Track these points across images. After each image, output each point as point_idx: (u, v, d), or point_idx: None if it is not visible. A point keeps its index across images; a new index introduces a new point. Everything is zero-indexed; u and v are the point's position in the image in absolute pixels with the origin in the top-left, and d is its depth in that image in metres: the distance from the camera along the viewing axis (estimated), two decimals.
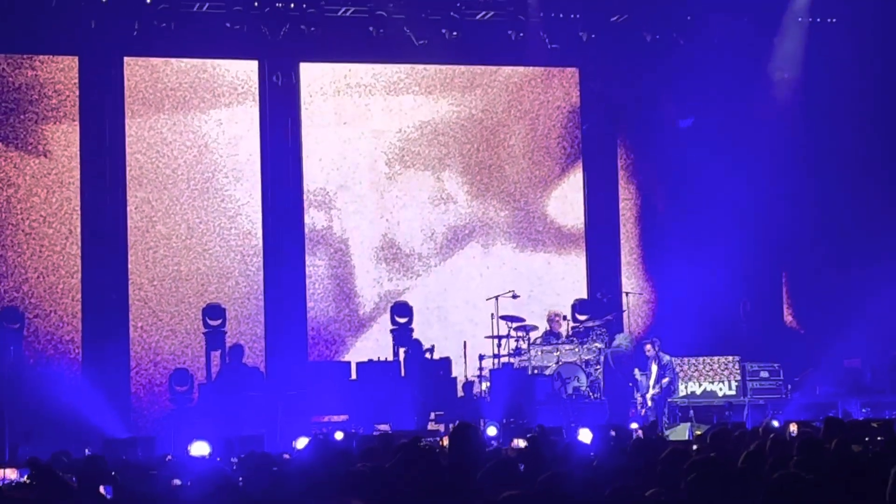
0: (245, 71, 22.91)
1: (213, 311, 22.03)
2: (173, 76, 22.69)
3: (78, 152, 21.98)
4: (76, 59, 22.03)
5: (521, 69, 24.04)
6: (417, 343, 21.79)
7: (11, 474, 12.88)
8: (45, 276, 21.90)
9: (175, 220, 22.61)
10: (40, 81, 22.02)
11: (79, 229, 21.97)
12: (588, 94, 24.13)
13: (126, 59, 22.26)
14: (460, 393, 21.78)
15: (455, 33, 22.66)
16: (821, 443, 10.86)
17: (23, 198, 21.91)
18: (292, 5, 21.76)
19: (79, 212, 21.96)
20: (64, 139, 22.05)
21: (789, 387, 21.99)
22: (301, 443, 16.47)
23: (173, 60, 22.59)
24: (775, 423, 16.30)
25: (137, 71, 22.48)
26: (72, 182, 21.98)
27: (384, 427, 20.13)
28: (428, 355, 21.55)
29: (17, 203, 21.87)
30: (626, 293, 23.25)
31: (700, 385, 22.03)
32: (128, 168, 22.25)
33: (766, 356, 22.40)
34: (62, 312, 21.88)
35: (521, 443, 15.04)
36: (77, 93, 22.01)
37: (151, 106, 22.59)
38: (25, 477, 12.26)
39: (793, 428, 14.62)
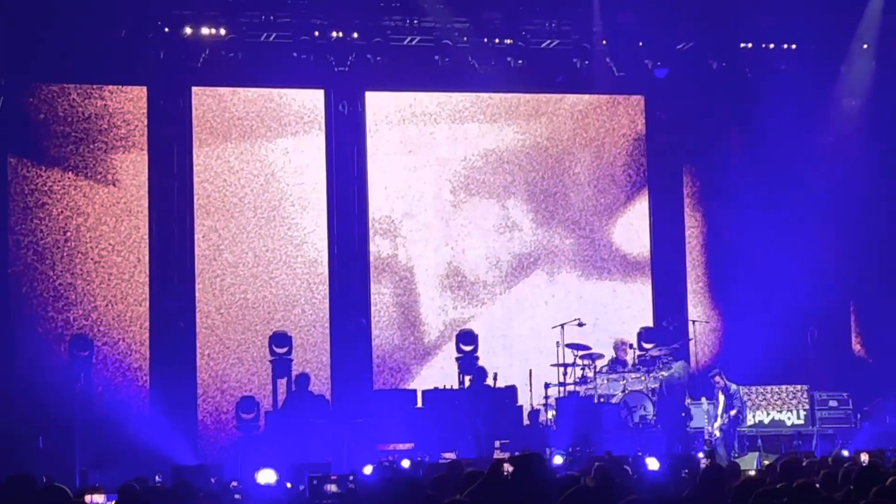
0: (311, 100, 23.09)
1: (280, 339, 22.18)
2: (240, 105, 22.90)
3: (146, 181, 22.23)
4: (145, 89, 22.32)
5: (586, 97, 24.14)
6: (482, 371, 21.78)
7: (99, 499, 13.09)
8: (114, 304, 22.08)
9: (242, 249, 22.75)
10: (110, 111, 22.27)
11: (147, 258, 22.16)
12: (653, 122, 24.20)
13: (194, 88, 22.54)
14: (526, 421, 21.76)
15: (520, 61, 22.70)
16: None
17: (92, 226, 22.13)
18: (357, 35, 21.87)
19: (147, 240, 22.18)
20: (133, 168, 22.28)
21: (859, 416, 21.93)
22: (367, 470, 16.42)
23: (240, 90, 22.82)
24: (845, 453, 16.23)
25: (205, 101, 22.72)
26: (140, 211, 22.22)
27: (450, 455, 20.10)
28: (491, 381, 21.51)
29: (86, 231, 22.09)
30: (693, 321, 23.05)
31: (768, 414, 22.03)
32: (195, 197, 22.49)
33: (834, 385, 22.40)
34: (130, 340, 22.06)
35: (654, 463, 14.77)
36: (146, 122, 22.28)
37: (219, 135, 22.80)
38: (113, 502, 12.38)
39: (864, 457, 14.54)
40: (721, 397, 21.23)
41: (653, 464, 15.53)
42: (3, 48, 20.86)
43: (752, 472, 14.60)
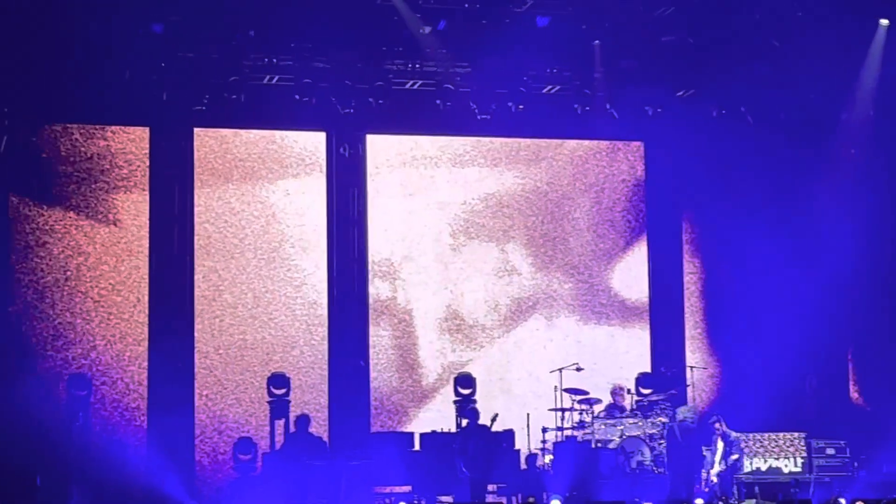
0: (313, 142, 23.17)
1: (278, 381, 22.22)
2: (242, 147, 23.00)
3: (147, 221, 22.28)
4: (147, 129, 22.37)
5: (586, 143, 24.27)
6: (474, 412, 21.42)
7: None
8: (113, 343, 22.10)
9: (241, 290, 22.80)
10: (112, 151, 22.36)
11: (146, 297, 22.15)
12: (653, 168, 24.35)
13: (196, 130, 22.59)
14: (523, 465, 21.74)
15: (521, 106, 22.75)
16: None
17: (92, 266, 22.15)
18: (359, 78, 21.94)
19: (147, 280, 22.16)
20: (134, 208, 22.33)
21: (856, 464, 21.90)
22: None
23: (242, 132, 22.91)
24: (842, 501, 16.14)
25: (207, 142, 22.78)
26: (140, 251, 22.24)
27: (447, 499, 20.19)
28: (486, 422, 21.18)
29: (86, 271, 22.11)
30: (691, 367, 23.17)
31: (765, 461, 21.94)
32: (196, 237, 22.54)
33: (832, 433, 22.30)
34: (128, 380, 22.06)
35: None
36: (147, 163, 22.35)
37: (220, 176, 22.89)
38: None
39: None
40: (720, 444, 21.17)
41: None
42: (7, 88, 20.97)
43: None
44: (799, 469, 21.77)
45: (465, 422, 21.63)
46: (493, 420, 20.74)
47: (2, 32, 20.18)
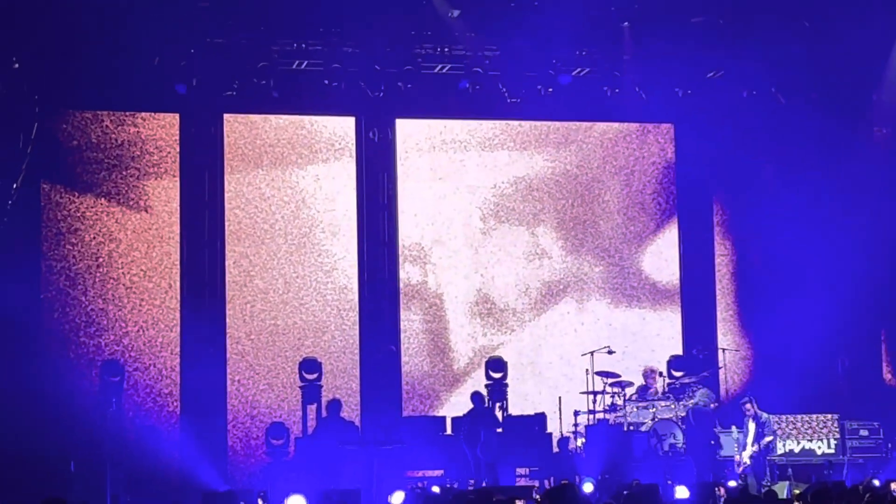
0: (342, 127, 23.19)
1: (310, 365, 22.18)
2: (272, 132, 23.02)
3: (178, 208, 22.36)
4: (177, 116, 22.43)
5: (616, 125, 24.18)
6: (485, 398, 21.74)
7: None
8: (145, 329, 22.19)
9: (272, 275, 22.81)
10: (142, 138, 22.40)
11: (178, 283, 22.24)
12: (683, 150, 24.20)
13: (226, 116, 22.64)
14: (555, 449, 21.83)
15: (550, 89, 22.76)
16: None
17: (124, 252, 22.23)
18: (388, 63, 21.99)
19: (178, 266, 22.26)
20: (164, 195, 22.41)
21: (890, 445, 21.87)
22: (397, 497, 16.77)
23: (272, 117, 22.90)
24: (876, 483, 16.20)
25: (237, 128, 22.83)
26: (172, 237, 22.34)
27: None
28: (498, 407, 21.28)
29: (118, 258, 22.18)
30: (723, 349, 23.06)
31: (798, 443, 21.92)
32: (226, 223, 22.60)
33: (865, 414, 22.24)
34: (161, 366, 22.14)
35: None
36: (178, 149, 22.40)
37: (250, 162, 22.92)
38: None
39: (895, 487, 14.84)
40: (751, 425, 21.19)
41: (682, 492, 15.76)
42: (37, 75, 21.00)
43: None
44: (832, 451, 21.76)
45: (497, 405, 21.75)
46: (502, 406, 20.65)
47: (31, 19, 20.22)
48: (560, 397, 22.06)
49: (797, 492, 17.71)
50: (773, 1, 21.45)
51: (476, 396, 21.24)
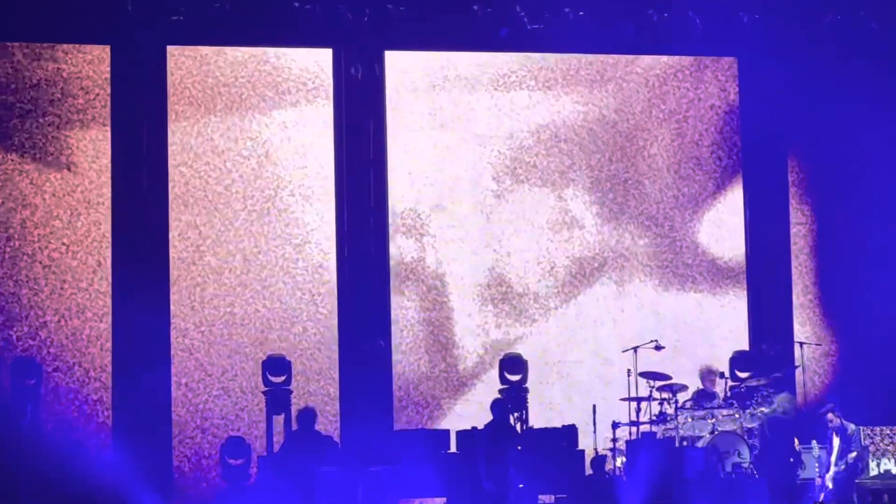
0: (316, 62, 21.92)
1: (276, 365, 20.92)
2: (227, 69, 21.81)
3: (109, 165, 21.19)
4: (108, 48, 21.25)
5: (664, 59, 22.80)
6: (501, 403, 20.34)
7: None
8: (68, 319, 20.99)
9: (228, 250, 21.62)
10: (64, 77, 21.19)
11: (109, 261, 21.08)
12: (749, 91, 22.71)
13: (169, 48, 21.43)
14: (588, 470, 20.30)
15: (581, 13, 21.36)
16: None
17: (41, 221, 21.04)
18: None
19: (109, 239, 21.15)
20: (92, 148, 21.21)
21: None
22: None
23: (227, 50, 21.71)
24: None
25: (183, 63, 21.61)
26: (101, 202, 21.11)
27: None
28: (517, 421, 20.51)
29: (33, 228, 21.01)
30: (800, 344, 21.71)
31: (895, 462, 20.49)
32: (170, 184, 21.39)
33: None
34: (88, 365, 20.95)
35: None
36: (108, 91, 21.23)
37: (200, 106, 21.72)
38: None
39: None
40: (836, 440, 20.08)
41: None
42: None
43: None
44: None
45: (514, 418, 20.66)
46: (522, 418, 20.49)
47: None
48: (594, 405, 20.77)
49: None
50: None
51: (497, 405, 19.94)
